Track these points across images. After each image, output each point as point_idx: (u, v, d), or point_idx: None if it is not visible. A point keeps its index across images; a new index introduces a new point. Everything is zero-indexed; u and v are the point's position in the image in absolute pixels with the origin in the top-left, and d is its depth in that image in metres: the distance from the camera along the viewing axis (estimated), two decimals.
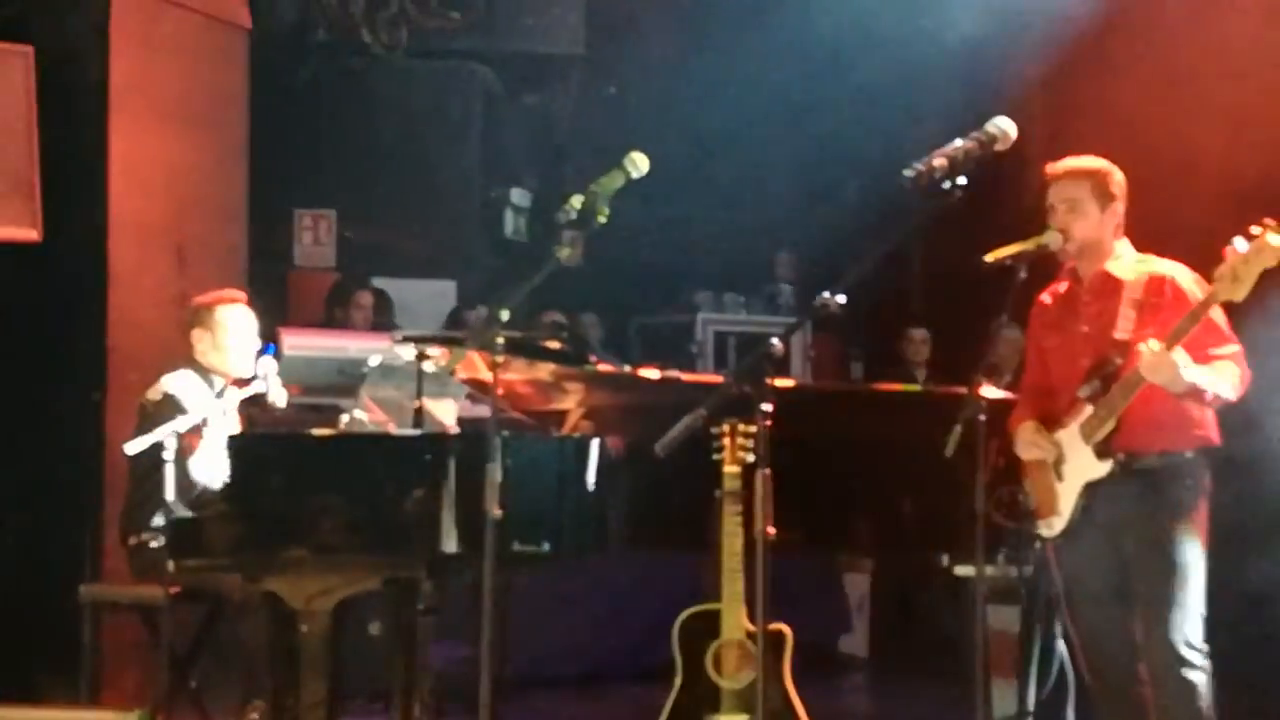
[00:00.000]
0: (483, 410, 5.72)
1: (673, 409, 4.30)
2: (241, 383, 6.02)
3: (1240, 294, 4.58)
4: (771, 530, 4.02)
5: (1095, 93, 7.67)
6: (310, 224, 10.02)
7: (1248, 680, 5.13)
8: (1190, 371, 4.67)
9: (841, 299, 4.19)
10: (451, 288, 9.65)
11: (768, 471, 3.97)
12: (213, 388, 6.03)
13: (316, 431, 5.98)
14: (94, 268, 7.07)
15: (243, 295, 6.30)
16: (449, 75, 9.88)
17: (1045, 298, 5.27)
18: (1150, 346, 4.70)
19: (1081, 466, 4.99)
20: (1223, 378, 4.77)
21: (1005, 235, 5.21)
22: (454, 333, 7.70)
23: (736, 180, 9.12)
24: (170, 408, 5.80)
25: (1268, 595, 6.43)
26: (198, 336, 6.09)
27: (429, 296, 9.46)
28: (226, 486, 5.38)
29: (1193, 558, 4.89)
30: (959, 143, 4.33)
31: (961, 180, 4.22)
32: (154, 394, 5.99)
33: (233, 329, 6.09)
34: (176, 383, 6.00)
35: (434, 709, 6.16)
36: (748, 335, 9.12)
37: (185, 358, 6.10)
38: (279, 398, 6.05)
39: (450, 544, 5.18)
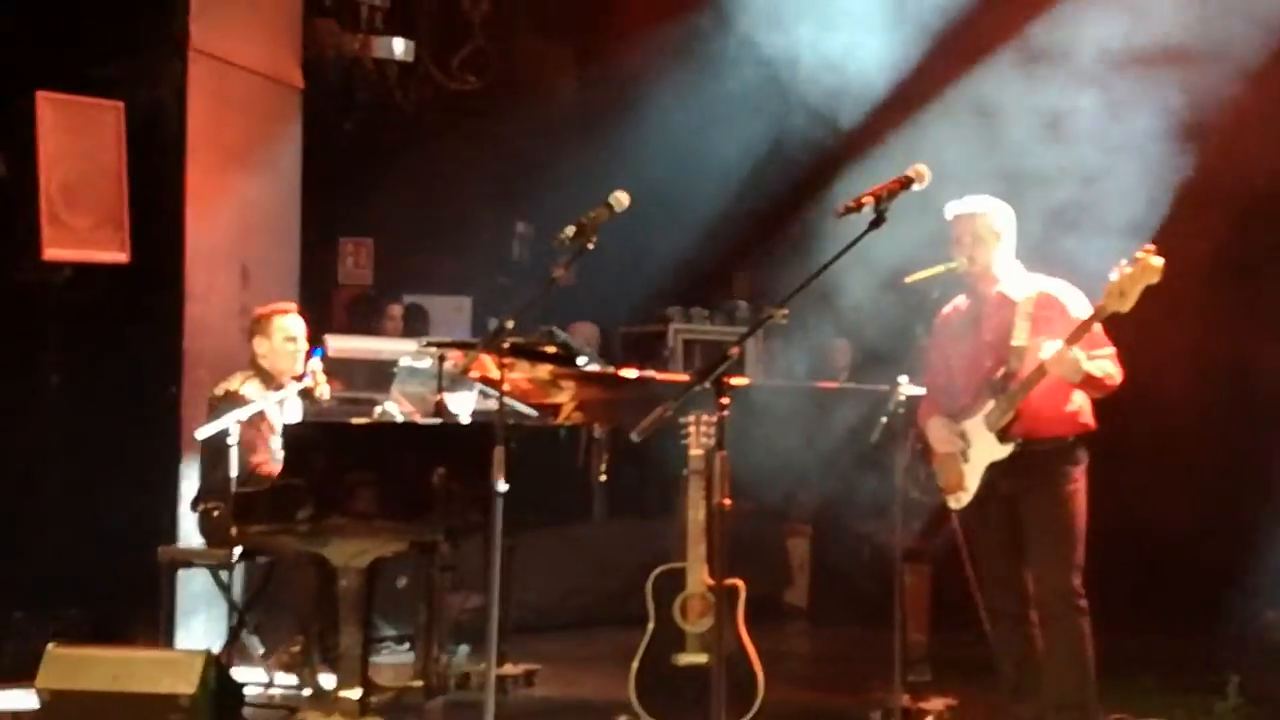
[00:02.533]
0: (493, 403, 5.70)
1: (648, 402, 4.29)
2: (296, 379, 5.98)
3: (1126, 306, 4.60)
4: (727, 502, 3.99)
5: None
6: (352, 250, 10.01)
7: (1117, 619, 5.11)
8: (1087, 365, 4.70)
9: (784, 312, 4.19)
10: (468, 303, 9.63)
11: (724, 454, 3.94)
12: (270, 385, 5.99)
13: (355, 420, 5.96)
14: (172, 285, 7.02)
15: (294, 305, 6.26)
16: (467, 126, 9.84)
17: (948, 312, 5.27)
18: (1054, 345, 4.71)
19: (986, 450, 4.98)
20: (1107, 370, 4.81)
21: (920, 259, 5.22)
22: (468, 339, 7.65)
23: (703, 214, 9.09)
24: (232, 402, 5.77)
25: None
26: (258, 343, 6.05)
27: (449, 310, 9.44)
28: (283, 465, 5.34)
29: (1076, 522, 4.91)
30: (885, 182, 4.32)
31: (884, 213, 4.19)
32: (219, 390, 5.96)
33: (286, 334, 6.05)
34: (238, 382, 5.96)
35: (450, 651, 6.15)
36: (711, 342, 9.12)
37: (250, 360, 6.06)
38: (325, 392, 6.02)
39: (463, 513, 5.15)
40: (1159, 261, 4.49)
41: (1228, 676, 5.96)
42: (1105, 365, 4.81)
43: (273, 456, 5.68)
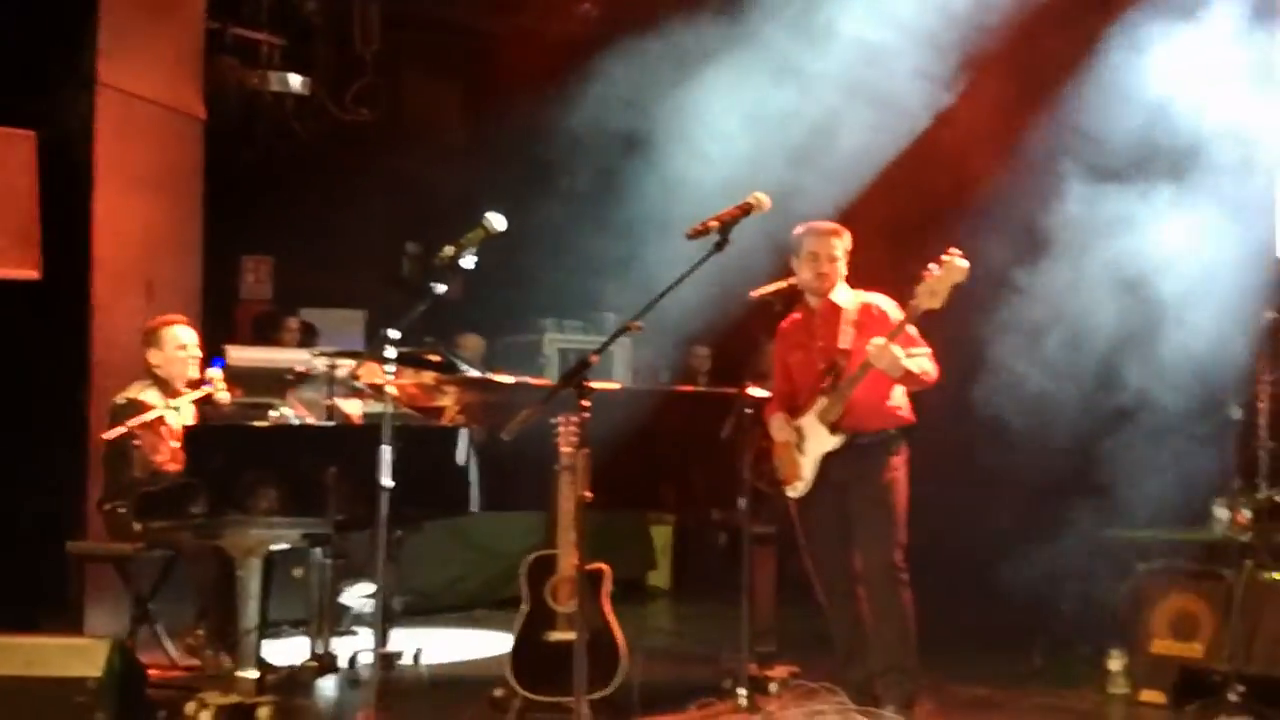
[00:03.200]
0: (380, 407, 5.68)
1: (523, 405, 4.33)
2: (194, 385, 5.90)
3: (937, 304, 4.75)
4: (589, 494, 4.05)
5: None
6: (253, 267, 9.89)
7: (934, 592, 5.26)
8: (905, 361, 4.85)
9: (641, 323, 4.26)
10: (361, 316, 9.58)
11: (587, 451, 4.00)
12: (167, 391, 5.90)
13: (254, 424, 5.90)
14: (80, 299, 6.91)
15: (182, 316, 6.17)
16: (360, 155, 9.79)
17: (787, 324, 5.40)
18: (876, 342, 4.85)
19: (818, 443, 5.11)
20: (923, 367, 4.96)
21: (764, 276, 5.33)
22: (359, 349, 7.60)
23: (576, 232, 9.14)
24: (132, 409, 5.68)
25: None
26: (152, 354, 5.95)
27: (344, 323, 9.37)
28: (185, 465, 5.27)
29: (898, 505, 5.05)
30: (729, 208, 4.42)
31: (728, 234, 4.29)
32: (120, 399, 5.86)
33: (177, 343, 5.97)
34: (137, 390, 5.87)
35: (341, 633, 6.12)
36: (583, 351, 9.15)
37: (146, 370, 5.97)
38: (225, 398, 5.95)
39: (353, 507, 5.14)
40: (964, 263, 4.67)
41: (1034, 642, 6.17)
42: (922, 363, 4.98)
43: (173, 458, 5.59)
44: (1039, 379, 6.65)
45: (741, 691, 5.15)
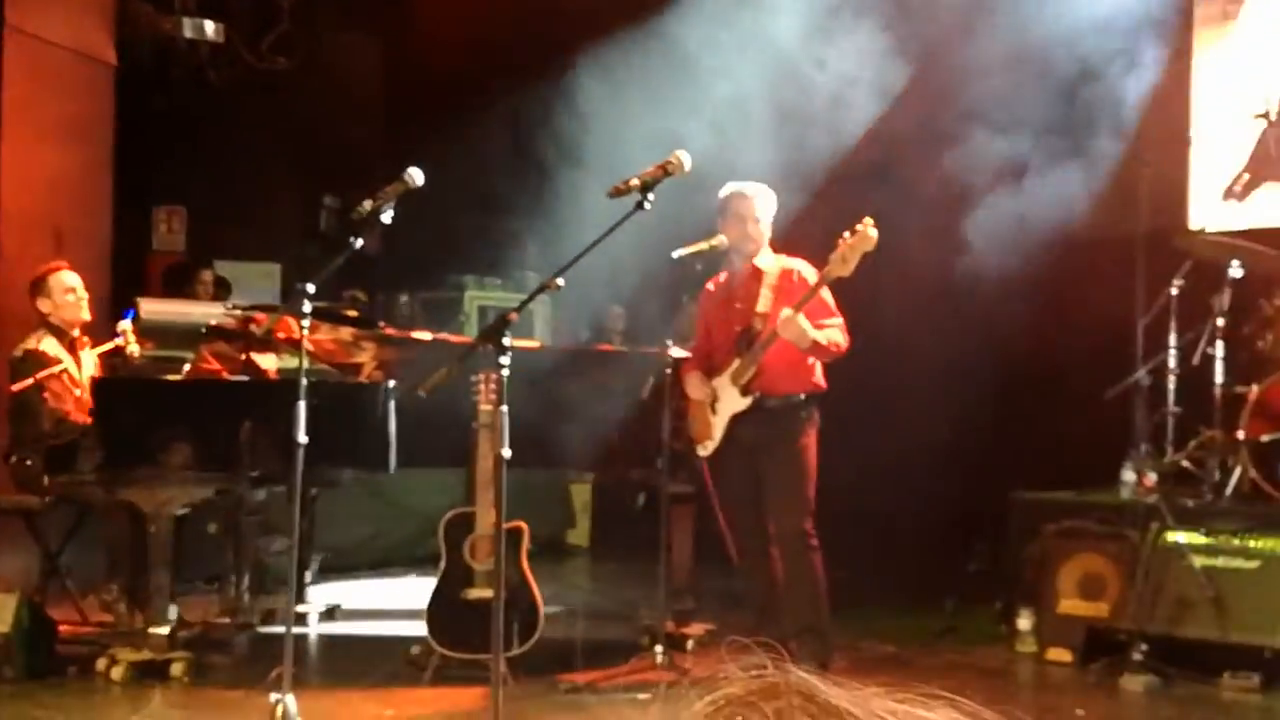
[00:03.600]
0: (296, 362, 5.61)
1: (441, 362, 4.31)
2: (88, 328, 5.79)
3: (848, 271, 4.81)
4: (508, 452, 4.05)
5: None
6: (165, 218, 9.67)
7: (846, 553, 5.34)
8: (813, 332, 4.88)
9: (561, 281, 4.25)
10: (277, 270, 9.43)
11: (505, 409, 3.99)
12: (63, 339, 5.78)
13: (165, 376, 5.81)
14: None
15: (64, 262, 6.03)
16: (277, 105, 9.61)
17: (711, 285, 5.41)
18: (785, 313, 4.88)
19: (730, 403, 5.15)
20: (831, 338, 4.99)
21: (687, 236, 5.34)
22: (274, 304, 7.51)
23: (498, 189, 9.08)
24: (33, 361, 5.57)
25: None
26: (42, 303, 5.82)
27: (259, 276, 9.22)
28: (94, 418, 5.19)
29: (807, 471, 5.09)
30: (650, 168, 4.41)
31: (650, 195, 4.28)
32: (18, 351, 5.74)
33: (64, 287, 5.85)
34: (34, 341, 5.75)
35: (255, 590, 6.07)
36: (503, 308, 9.07)
37: (40, 320, 5.84)
38: (135, 350, 5.86)
39: (268, 463, 5.09)
40: (874, 232, 4.72)
41: (945, 602, 6.29)
42: (831, 334, 5.00)
43: (78, 407, 5.50)
44: (950, 343, 6.76)
45: (659, 649, 5.20)
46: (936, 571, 6.45)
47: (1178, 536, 5.52)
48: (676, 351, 5.55)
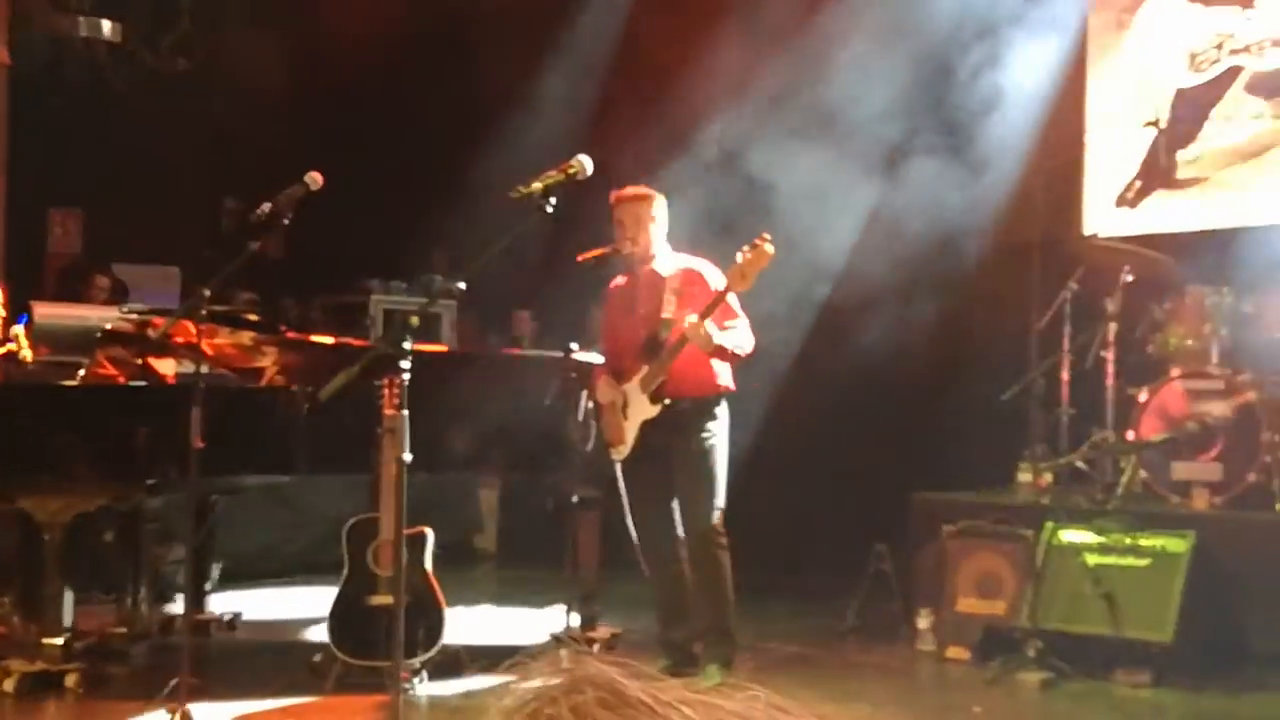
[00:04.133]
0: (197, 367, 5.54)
1: (345, 367, 4.29)
2: None
3: (746, 286, 4.88)
4: (409, 456, 4.04)
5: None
6: (61, 220, 9.48)
7: (752, 553, 5.40)
8: (718, 336, 4.93)
9: (461, 285, 4.26)
10: (176, 273, 9.28)
11: (406, 413, 3.99)
12: None
13: (60, 383, 5.70)
14: None
15: None
16: (176, 106, 9.46)
17: (614, 289, 5.44)
18: (691, 319, 4.93)
19: (640, 409, 5.17)
20: (737, 342, 5.04)
21: (590, 240, 5.37)
22: (172, 307, 7.39)
23: (407, 191, 9.03)
24: None
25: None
26: None
27: (158, 279, 9.06)
28: None
29: (718, 471, 5.14)
30: (551, 172, 4.42)
31: (552, 199, 4.30)
32: None
33: None
34: None
35: (154, 599, 5.98)
36: (409, 313, 9.04)
37: None
38: (27, 355, 5.74)
39: (166, 470, 5.02)
40: (771, 249, 4.79)
41: (848, 602, 6.38)
42: (737, 337, 5.06)
43: None
44: (851, 347, 6.85)
45: (564, 654, 5.20)
46: (839, 572, 6.53)
47: (1071, 535, 5.66)
48: (583, 356, 5.58)
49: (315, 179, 4.63)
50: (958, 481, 6.53)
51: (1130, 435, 6.20)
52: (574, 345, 5.59)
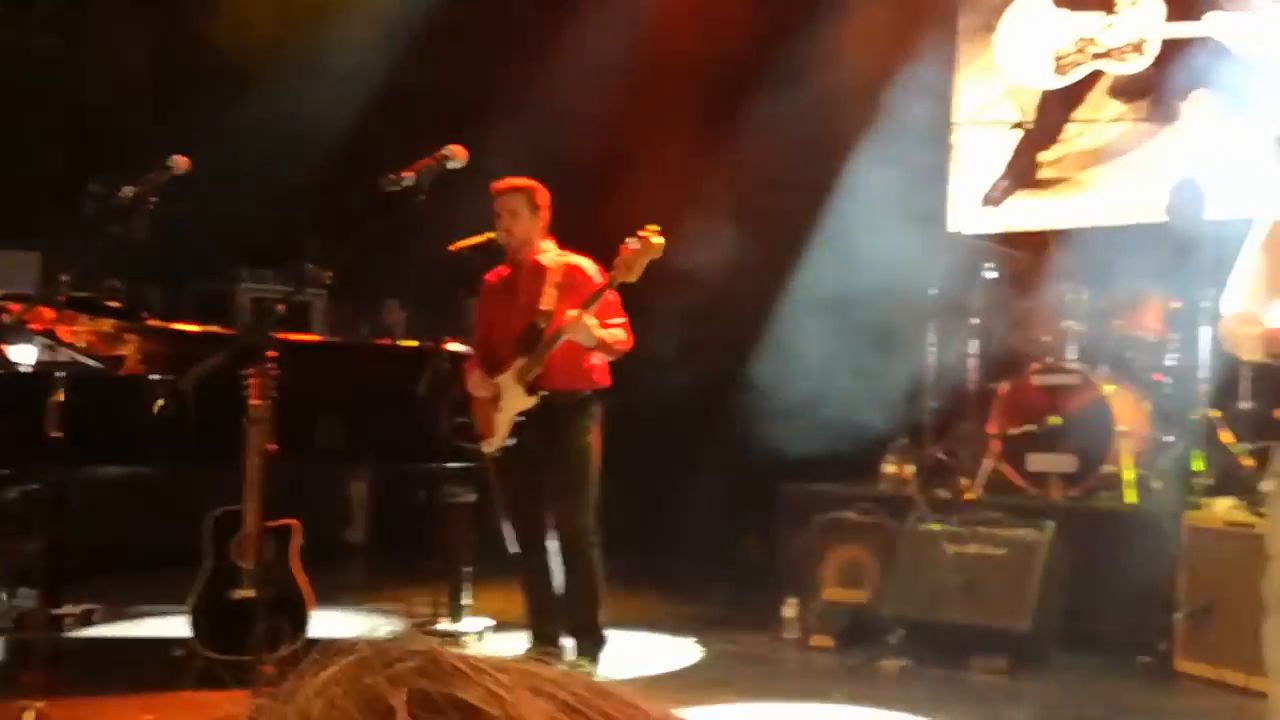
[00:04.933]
0: (58, 354, 5.39)
1: (208, 356, 4.23)
2: None
3: (633, 278, 4.88)
4: (274, 446, 3.99)
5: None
6: None
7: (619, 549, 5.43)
8: (599, 331, 4.95)
9: (330, 274, 4.22)
10: (36, 258, 9.00)
11: (269, 403, 3.94)
12: None
13: None
14: None
15: None
16: (40, 85, 9.18)
17: (491, 279, 5.42)
18: (572, 314, 4.94)
19: (515, 401, 5.16)
20: (616, 337, 5.06)
21: (466, 229, 5.35)
22: (29, 293, 7.18)
23: (278, 178, 8.88)
24: None
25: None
26: None
27: (16, 265, 8.79)
28: None
29: (590, 468, 5.14)
30: (424, 160, 4.40)
31: (424, 187, 4.28)
32: None
33: None
34: None
35: (8, 593, 5.81)
36: (275, 301, 8.89)
37: None
38: None
39: (22, 460, 4.88)
40: (660, 240, 4.81)
41: (716, 592, 6.46)
42: (616, 333, 5.08)
43: None
44: (723, 337, 6.94)
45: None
46: (710, 562, 6.61)
47: (932, 525, 5.81)
48: (455, 347, 5.56)
49: (180, 162, 4.55)
50: (826, 473, 6.65)
51: (990, 428, 6.38)
52: (447, 336, 5.56)
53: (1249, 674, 4.68)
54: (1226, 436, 6.00)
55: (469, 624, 5.88)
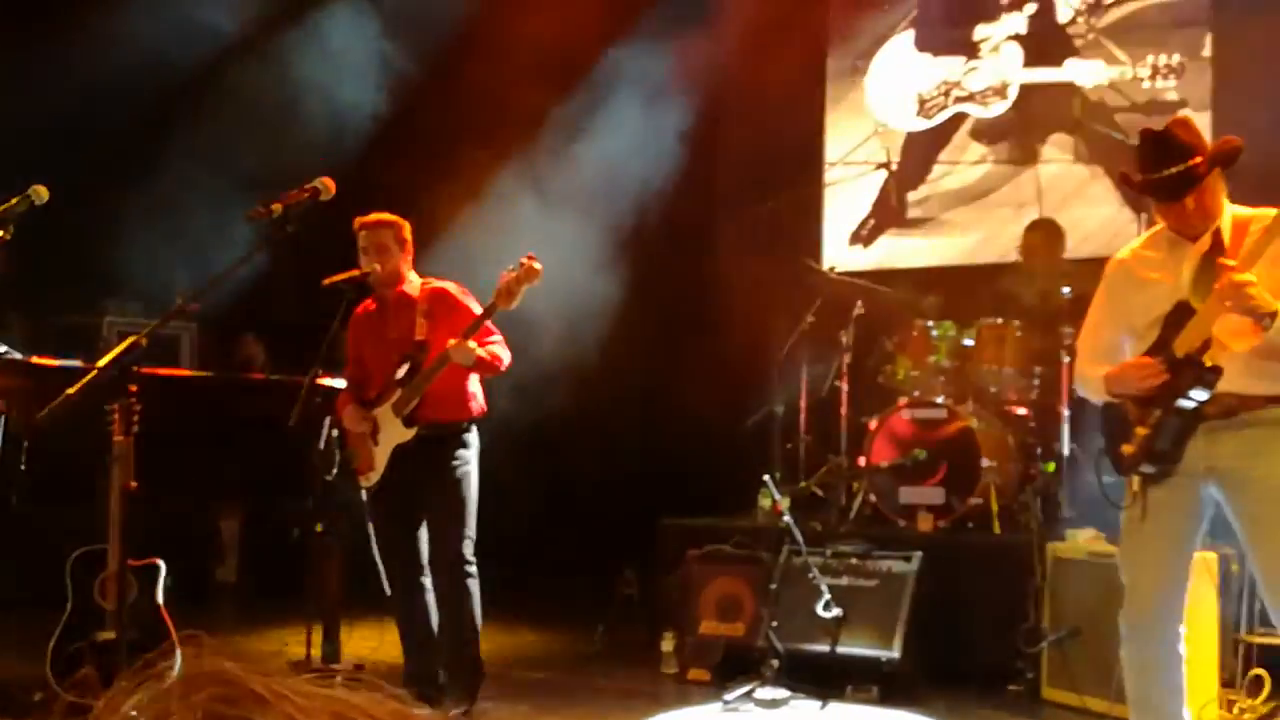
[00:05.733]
0: None
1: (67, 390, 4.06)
2: None
3: (513, 304, 4.86)
4: (134, 484, 3.86)
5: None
6: None
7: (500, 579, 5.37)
8: (479, 350, 4.89)
9: (195, 305, 4.11)
10: None
11: (130, 438, 3.81)
12: None
13: None
14: None
15: None
16: None
17: (361, 313, 5.34)
18: (453, 342, 4.88)
19: (393, 434, 5.08)
20: (495, 353, 5.01)
21: (338, 263, 5.25)
22: None
23: (145, 209, 8.65)
24: None
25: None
26: None
27: None
28: None
29: (470, 499, 5.07)
30: (293, 193, 4.31)
31: (291, 220, 4.19)
32: None
33: None
34: None
35: None
36: (139, 335, 8.62)
37: None
38: None
39: None
40: (539, 266, 4.80)
41: (595, 627, 6.42)
42: (494, 349, 5.05)
43: None
44: (603, 375, 6.93)
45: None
46: (588, 597, 6.57)
47: (806, 557, 5.84)
48: (328, 381, 5.45)
49: (40, 193, 4.39)
50: (703, 507, 6.66)
51: (862, 461, 6.46)
52: (320, 370, 5.44)
53: (1111, 701, 4.78)
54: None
55: (344, 663, 5.74)
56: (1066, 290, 6.35)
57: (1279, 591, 3.61)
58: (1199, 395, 3.61)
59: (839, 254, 8.10)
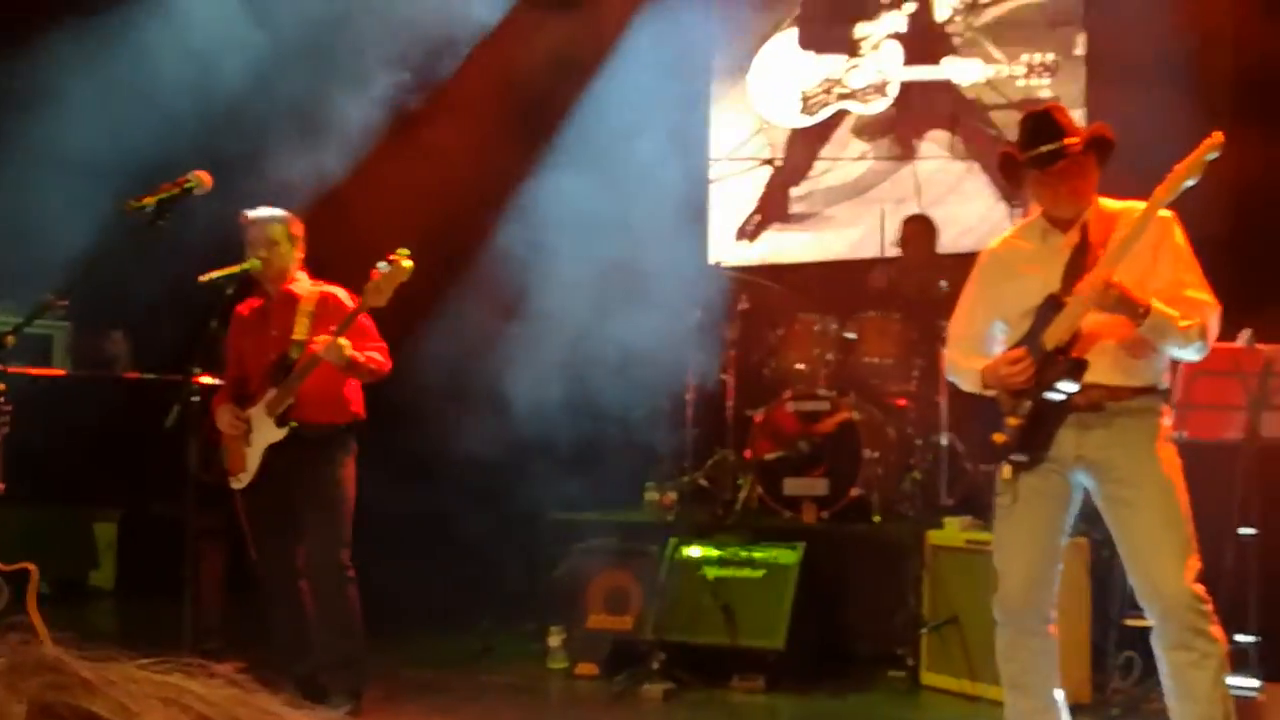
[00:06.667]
0: None
1: None
2: None
3: (382, 301, 4.77)
4: (2, 485, 3.73)
5: None
6: None
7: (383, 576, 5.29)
8: (350, 351, 4.80)
9: (64, 302, 3.99)
10: None
11: None
12: None
13: None
14: None
15: None
16: None
17: (243, 310, 5.23)
18: (322, 339, 4.79)
19: (265, 434, 4.98)
20: (373, 357, 4.92)
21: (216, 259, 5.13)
22: None
23: (10, 201, 8.37)
24: None
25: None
26: None
27: None
28: None
29: (345, 501, 4.96)
30: (166, 186, 4.21)
31: (165, 214, 4.08)
32: None
33: None
34: None
35: None
36: (5, 333, 8.34)
37: None
38: None
39: None
40: (410, 264, 4.73)
41: (479, 623, 6.37)
42: (372, 354, 4.97)
43: None
44: (484, 366, 6.87)
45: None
46: (472, 594, 6.52)
47: (693, 550, 5.88)
48: (206, 379, 5.32)
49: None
50: (588, 501, 6.65)
51: (747, 454, 6.51)
52: (197, 369, 5.32)
53: (988, 684, 4.89)
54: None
55: (223, 666, 5.61)
56: (944, 283, 6.47)
57: (1145, 576, 3.72)
58: (1067, 387, 3.70)
59: (725, 248, 8.16)
